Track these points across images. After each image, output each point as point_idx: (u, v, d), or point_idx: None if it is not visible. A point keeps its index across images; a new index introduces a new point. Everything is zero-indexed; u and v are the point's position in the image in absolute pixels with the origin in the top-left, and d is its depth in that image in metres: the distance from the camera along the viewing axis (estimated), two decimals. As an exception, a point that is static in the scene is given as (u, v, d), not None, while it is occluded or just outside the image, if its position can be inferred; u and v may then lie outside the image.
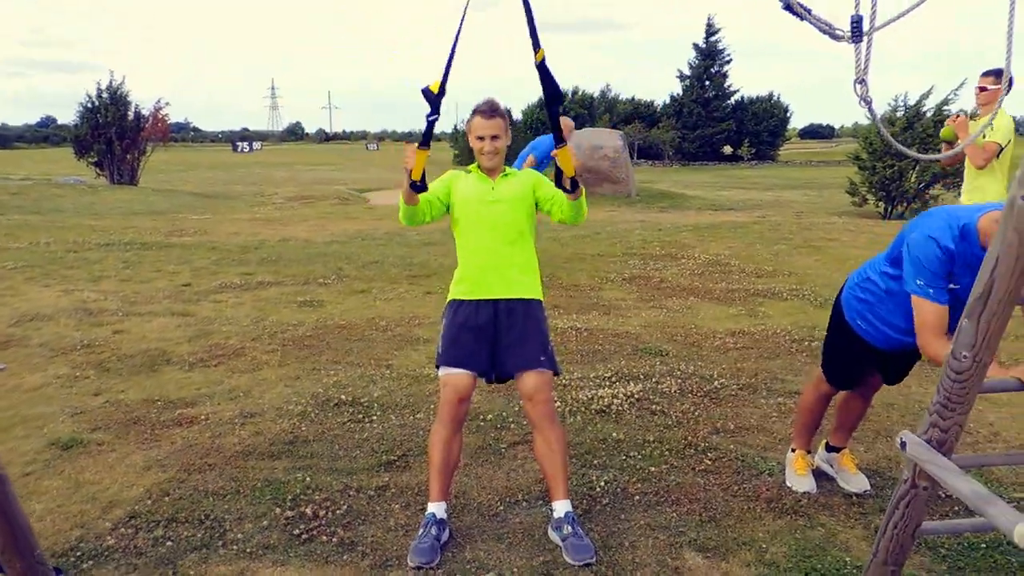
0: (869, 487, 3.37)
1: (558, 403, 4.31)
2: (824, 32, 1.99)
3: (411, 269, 8.82)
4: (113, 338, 5.78)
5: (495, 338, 2.99)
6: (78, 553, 2.84)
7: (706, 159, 53.64)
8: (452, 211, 3.12)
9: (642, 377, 4.84)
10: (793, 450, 3.51)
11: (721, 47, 55.52)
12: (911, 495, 2.33)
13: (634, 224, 13.10)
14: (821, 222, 14.02)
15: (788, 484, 3.42)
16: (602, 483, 3.40)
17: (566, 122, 8.55)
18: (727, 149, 56.77)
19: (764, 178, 35.61)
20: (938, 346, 2.52)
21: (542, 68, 2.68)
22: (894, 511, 2.39)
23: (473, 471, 3.55)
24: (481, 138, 3.03)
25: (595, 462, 3.64)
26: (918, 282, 2.58)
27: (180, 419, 4.17)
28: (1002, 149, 5.42)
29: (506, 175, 3.11)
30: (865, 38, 1.89)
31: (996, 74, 5.26)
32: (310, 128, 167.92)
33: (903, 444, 2.30)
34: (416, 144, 2.83)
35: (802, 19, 1.91)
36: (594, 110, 54.15)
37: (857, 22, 1.86)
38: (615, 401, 4.36)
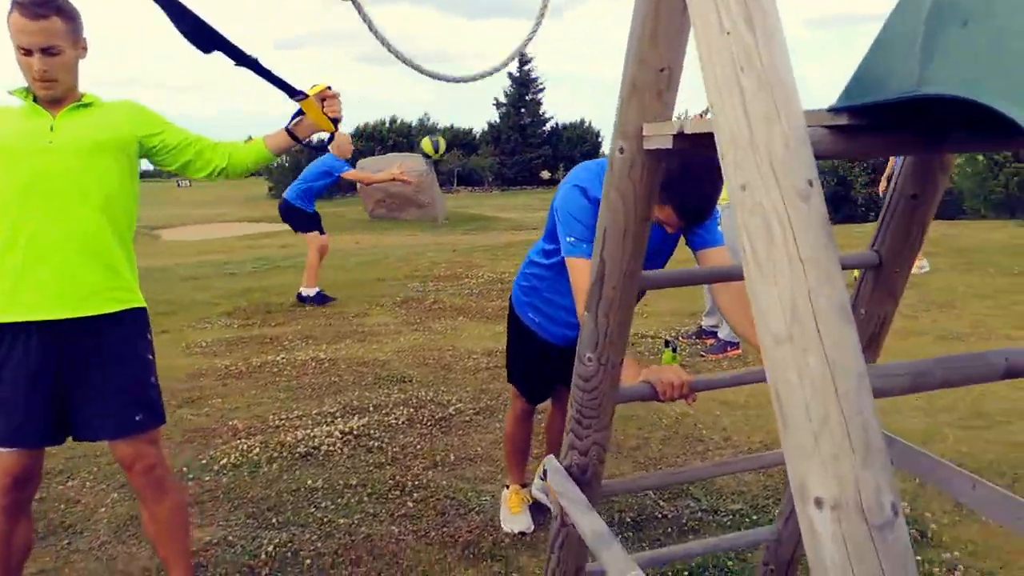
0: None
1: (256, 449, 3.66)
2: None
3: None
4: None
5: (61, 383, 2.05)
6: None
7: (525, 184, 54.65)
8: None
9: (371, 409, 4.27)
10: (507, 486, 3.05)
11: (534, 76, 57.03)
12: (563, 535, 1.90)
13: (428, 247, 12.65)
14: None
15: (502, 524, 2.94)
16: (271, 548, 2.77)
17: (343, 138, 7.86)
18: (545, 174, 58.20)
19: (577, 199, 36.57)
20: None
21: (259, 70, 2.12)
22: (550, 556, 1.95)
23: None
24: (27, 51, 1.93)
25: (275, 520, 3.01)
26: (568, 239, 2.09)
27: None
28: None
29: (78, 106, 2.07)
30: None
31: None
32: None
33: (544, 474, 1.86)
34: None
35: None
36: (412, 139, 53.88)
37: None
38: (327, 440, 3.76)
